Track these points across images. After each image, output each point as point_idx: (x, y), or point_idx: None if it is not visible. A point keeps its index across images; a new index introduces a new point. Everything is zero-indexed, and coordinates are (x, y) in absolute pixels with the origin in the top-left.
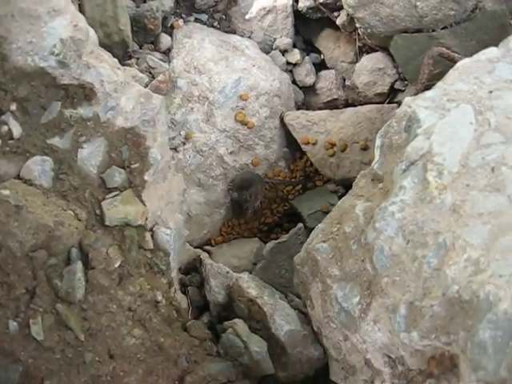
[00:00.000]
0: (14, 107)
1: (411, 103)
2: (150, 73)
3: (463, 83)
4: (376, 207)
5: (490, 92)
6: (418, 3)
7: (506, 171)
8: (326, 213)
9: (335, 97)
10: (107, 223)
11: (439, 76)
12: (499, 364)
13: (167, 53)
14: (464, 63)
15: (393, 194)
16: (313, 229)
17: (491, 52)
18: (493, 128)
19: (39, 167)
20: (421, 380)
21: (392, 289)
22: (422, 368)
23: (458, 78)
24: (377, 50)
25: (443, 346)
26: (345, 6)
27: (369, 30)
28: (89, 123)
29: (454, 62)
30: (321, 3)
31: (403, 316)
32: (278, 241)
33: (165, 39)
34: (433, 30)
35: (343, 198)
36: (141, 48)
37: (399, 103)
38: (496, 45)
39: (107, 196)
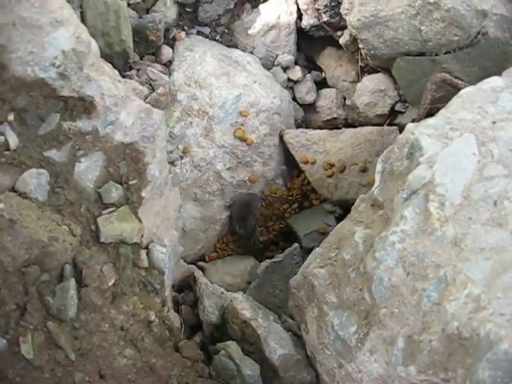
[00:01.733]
0: (11, 117)
1: (414, 130)
2: (150, 85)
3: (467, 112)
4: (376, 235)
5: (494, 123)
6: (423, 27)
7: (509, 206)
8: (323, 233)
9: (335, 116)
10: (102, 240)
11: (441, 99)
12: None
13: (168, 65)
14: (467, 91)
15: (393, 223)
16: (309, 249)
17: (495, 81)
18: (496, 160)
19: (35, 180)
20: None
21: (390, 320)
22: None
23: (461, 107)
24: (378, 71)
25: (441, 382)
26: (349, 27)
27: (372, 52)
28: (87, 137)
29: (457, 88)
30: (324, 22)
31: (401, 349)
32: (273, 260)
33: (166, 51)
34: (436, 55)
35: (342, 222)
36: (141, 59)
37: (399, 125)
38: (498, 72)
39: (103, 212)
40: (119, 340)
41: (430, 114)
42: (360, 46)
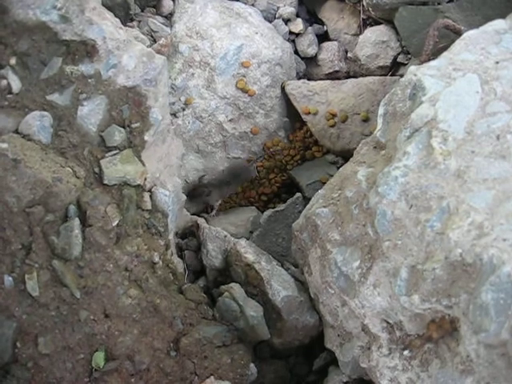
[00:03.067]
0: (13, 61)
1: (416, 71)
2: (152, 36)
3: (469, 53)
4: (378, 173)
5: (497, 62)
6: None
7: (511, 139)
8: (325, 183)
9: (337, 69)
10: (106, 182)
11: (444, 50)
12: (501, 326)
13: (169, 17)
14: (470, 34)
15: (396, 159)
16: (311, 199)
17: (498, 24)
18: (498, 97)
19: (38, 122)
20: (419, 344)
21: (393, 253)
22: (421, 333)
23: (464, 49)
24: (380, 23)
25: (444, 309)
26: None
27: (374, 1)
28: (90, 80)
29: (459, 34)
30: None
31: (404, 279)
32: (276, 209)
33: (167, 3)
34: (438, 3)
35: (344, 165)
36: (142, 11)
37: (402, 76)
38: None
39: (106, 154)
40: (123, 280)
41: None
42: None
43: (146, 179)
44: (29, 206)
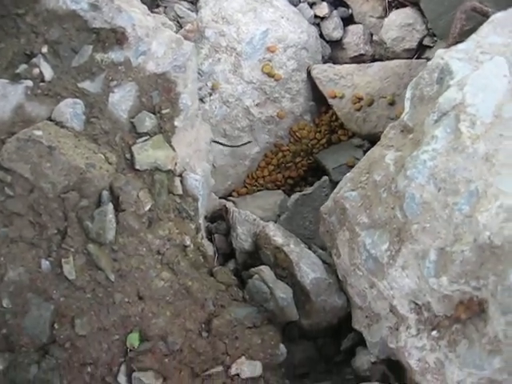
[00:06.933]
0: (45, 50)
1: (444, 55)
2: (178, 22)
3: (497, 36)
4: (407, 156)
5: None
6: None
7: None
8: (351, 167)
9: (362, 52)
10: (137, 167)
11: (470, 32)
12: None
13: (195, 2)
14: (498, 16)
15: (424, 143)
16: (337, 182)
17: None
18: None
19: (71, 110)
20: (447, 325)
21: (422, 235)
22: (449, 314)
23: (492, 31)
24: (406, 5)
25: (472, 290)
26: None
27: None
28: (120, 68)
29: (487, 16)
30: None
31: (433, 261)
32: (303, 193)
33: None
34: None
35: (372, 149)
36: None
37: (428, 59)
38: None
39: (137, 140)
40: (156, 263)
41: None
42: None
43: (176, 164)
44: (63, 192)
